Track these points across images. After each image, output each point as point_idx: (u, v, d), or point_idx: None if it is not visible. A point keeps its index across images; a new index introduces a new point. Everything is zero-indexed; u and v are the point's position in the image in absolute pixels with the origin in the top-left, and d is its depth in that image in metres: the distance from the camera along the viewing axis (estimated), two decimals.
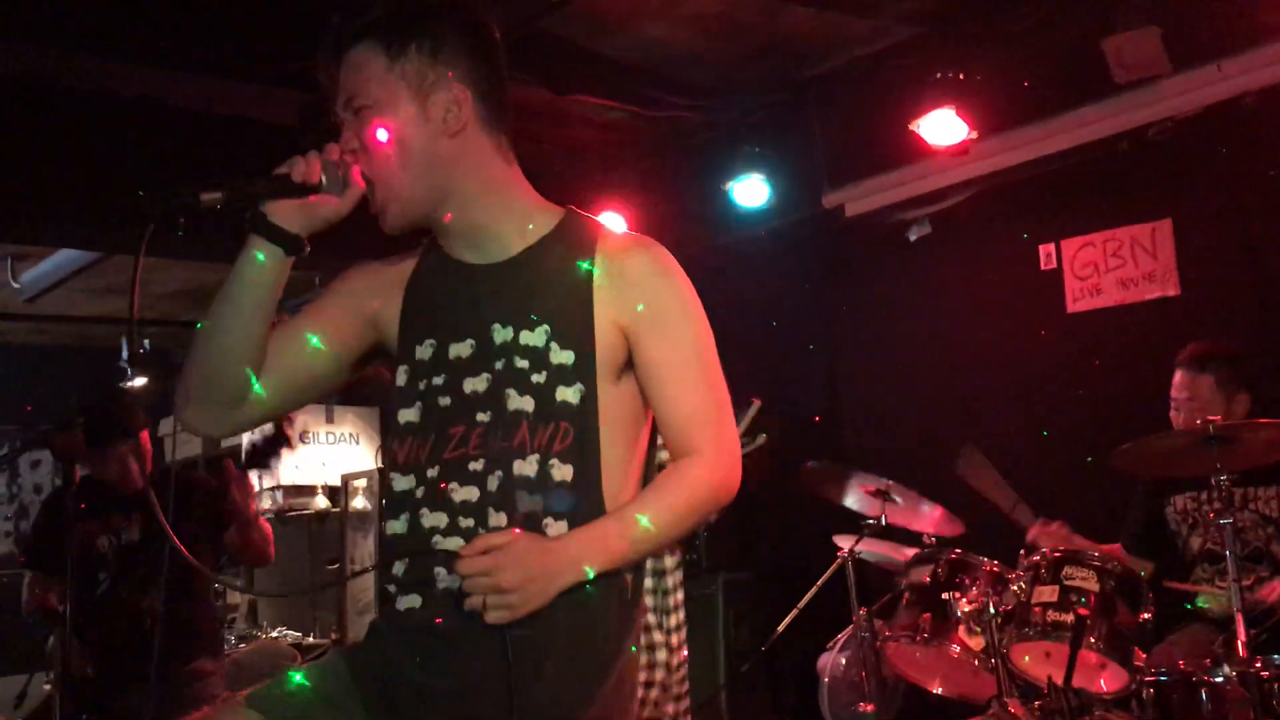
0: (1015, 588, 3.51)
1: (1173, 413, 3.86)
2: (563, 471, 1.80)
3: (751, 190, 5.80)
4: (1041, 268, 5.16)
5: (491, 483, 1.81)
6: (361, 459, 7.46)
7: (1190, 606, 3.79)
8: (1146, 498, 4.01)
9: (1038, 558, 3.55)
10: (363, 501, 6.86)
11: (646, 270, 1.90)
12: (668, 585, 3.49)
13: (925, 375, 5.53)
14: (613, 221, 3.32)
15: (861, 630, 4.14)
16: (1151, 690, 3.19)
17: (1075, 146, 4.80)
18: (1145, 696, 3.20)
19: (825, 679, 4.56)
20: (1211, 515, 3.31)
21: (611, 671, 1.81)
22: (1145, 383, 4.12)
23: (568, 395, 1.83)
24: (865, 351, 5.88)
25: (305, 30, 3.87)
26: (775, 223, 5.86)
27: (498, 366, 1.86)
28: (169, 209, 1.72)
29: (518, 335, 1.86)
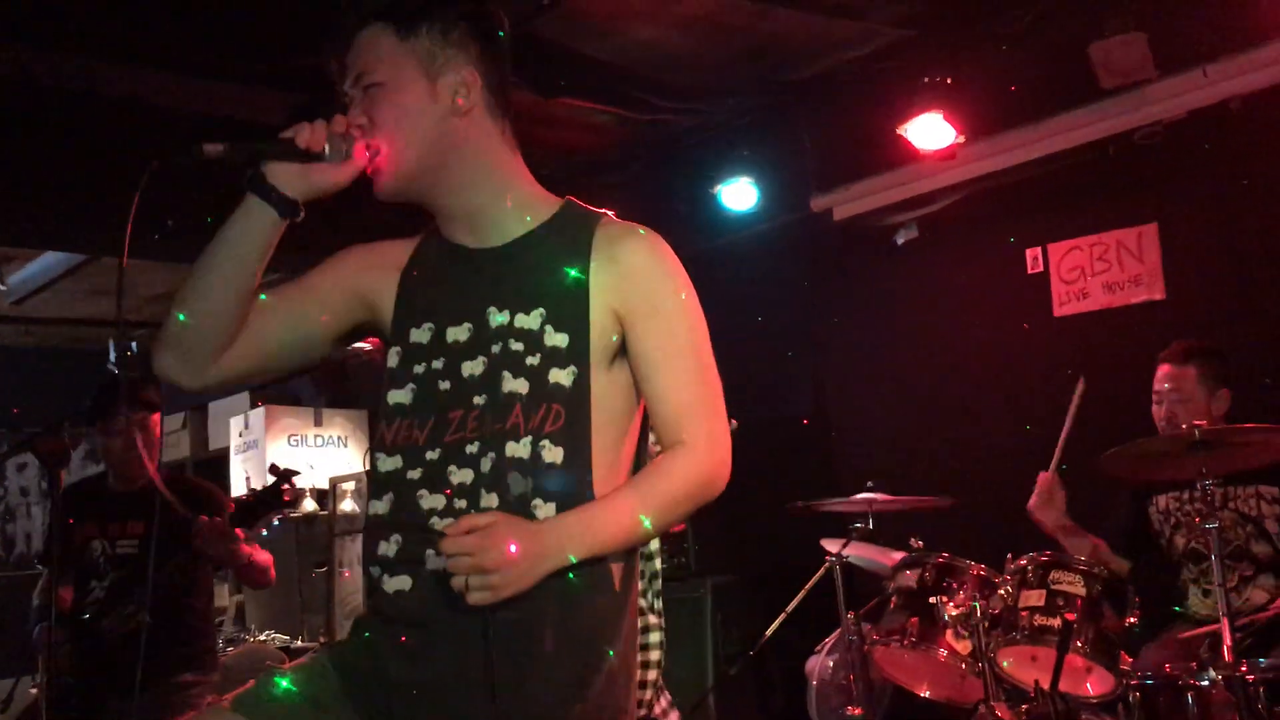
0: (1002, 592, 3.52)
1: (1155, 406, 3.88)
2: (553, 453, 1.80)
3: (740, 193, 5.81)
4: (1028, 271, 5.18)
5: (485, 464, 1.81)
6: (350, 462, 7.42)
7: (1178, 610, 3.81)
8: (1133, 499, 4.02)
9: (1025, 562, 3.56)
10: (351, 504, 6.82)
11: (644, 259, 1.90)
12: (656, 571, 3.44)
13: (913, 378, 5.54)
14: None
15: (849, 634, 4.13)
16: (1138, 694, 3.19)
17: (1062, 151, 4.82)
18: (1131, 700, 3.20)
19: (813, 682, 4.56)
20: (1197, 520, 3.32)
21: (604, 662, 1.80)
22: (1131, 386, 4.13)
23: (561, 377, 1.83)
24: (853, 354, 5.88)
25: (293, 30, 3.88)
26: (763, 226, 5.88)
27: (494, 350, 1.86)
28: (172, 156, 1.76)
29: (513, 319, 1.87)
